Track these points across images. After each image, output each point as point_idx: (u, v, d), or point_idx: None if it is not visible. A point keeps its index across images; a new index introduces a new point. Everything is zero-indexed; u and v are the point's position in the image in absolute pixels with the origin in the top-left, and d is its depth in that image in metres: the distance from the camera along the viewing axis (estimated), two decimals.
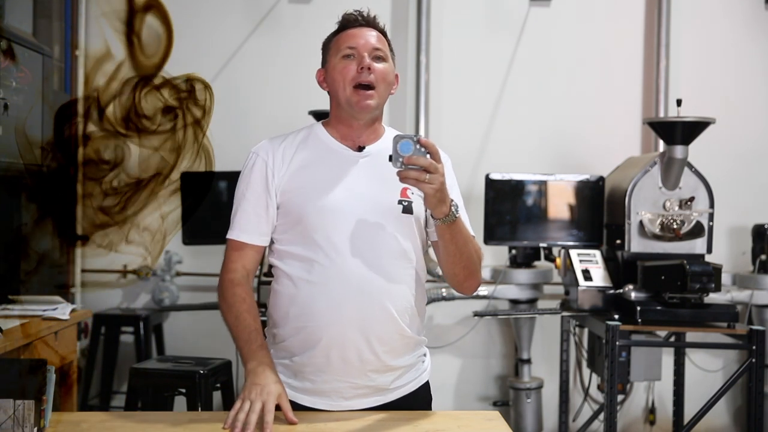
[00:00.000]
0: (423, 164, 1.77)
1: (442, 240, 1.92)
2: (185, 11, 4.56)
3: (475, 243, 2.00)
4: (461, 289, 2.04)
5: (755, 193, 4.58)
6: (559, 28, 4.60)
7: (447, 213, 1.85)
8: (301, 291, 1.96)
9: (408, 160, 1.77)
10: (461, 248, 1.93)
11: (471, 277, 2.00)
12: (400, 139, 1.79)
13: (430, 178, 1.77)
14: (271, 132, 2.23)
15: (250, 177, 2.02)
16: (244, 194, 2.02)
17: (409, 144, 1.78)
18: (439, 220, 1.86)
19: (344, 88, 1.99)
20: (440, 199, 1.82)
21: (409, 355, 2.04)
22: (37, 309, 3.36)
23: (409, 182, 1.78)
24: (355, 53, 2.00)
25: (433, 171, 1.77)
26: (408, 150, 1.78)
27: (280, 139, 2.07)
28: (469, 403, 4.55)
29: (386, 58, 2.03)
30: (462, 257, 1.95)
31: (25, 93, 3.73)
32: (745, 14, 4.62)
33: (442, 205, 1.83)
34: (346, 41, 2.02)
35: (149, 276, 4.49)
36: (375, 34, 2.04)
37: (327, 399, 1.99)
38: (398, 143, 1.78)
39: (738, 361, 4.48)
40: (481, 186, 4.11)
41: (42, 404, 1.74)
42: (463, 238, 1.93)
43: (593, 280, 3.73)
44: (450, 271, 1.99)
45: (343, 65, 2.00)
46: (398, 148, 1.78)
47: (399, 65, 4.51)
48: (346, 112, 2.03)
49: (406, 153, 1.78)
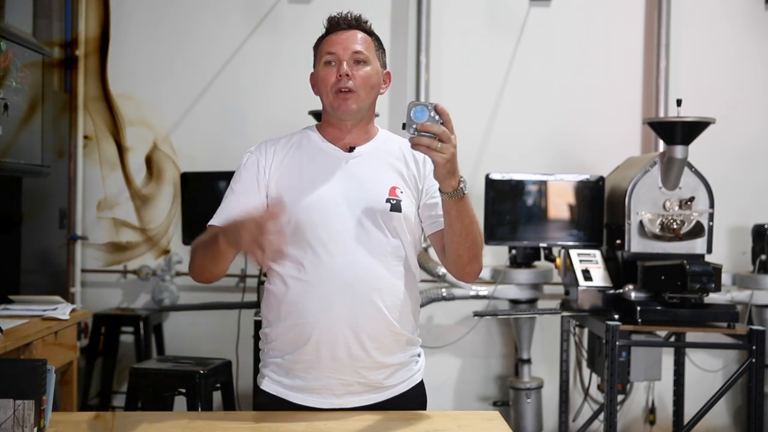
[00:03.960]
0: (436, 132, 1.75)
1: (449, 216, 1.90)
2: (185, 11, 4.57)
3: (479, 226, 1.98)
4: (463, 275, 2.01)
5: (755, 193, 4.58)
6: (559, 28, 4.60)
7: (456, 187, 1.83)
8: (291, 289, 1.98)
9: (422, 127, 1.74)
10: (467, 227, 1.91)
11: (474, 260, 1.97)
12: (414, 105, 1.75)
13: (442, 146, 1.76)
14: (271, 132, 2.24)
15: (241, 172, 2.06)
16: (232, 188, 2.06)
17: (423, 111, 1.75)
18: (447, 195, 1.84)
19: (327, 94, 2.02)
20: (450, 170, 1.80)
21: (401, 352, 2.04)
22: (37, 309, 3.36)
23: (421, 149, 1.76)
24: (334, 59, 2.01)
25: (446, 140, 1.76)
26: (422, 116, 1.75)
27: (274, 141, 2.09)
28: (469, 403, 4.55)
29: (368, 61, 2.03)
30: (468, 237, 1.92)
31: (25, 93, 3.73)
32: (745, 14, 4.61)
33: (451, 178, 1.82)
34: (327, 47, 2.03)
35: (149, 276, 4.49)
36: (358, 37, 2.03)
37: (318, 396, 2.00)
38: (413, 109, 1.75)
39: (738, 361, 4.48)
40: (481, 186, 4.11)
41: (42, 404, 1.74)
42: (470, 218, 1.90)
43: (593, 280, 3.73)
44: (455, 252, 1.95)
45: (325, 72, 2.02)
46: (412, 115, 1.74)
47: (399, 65, 4.55)
48: (332, 116, 2.05)
49: (420, 119, 1.74)
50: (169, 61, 4.55)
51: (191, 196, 4.23)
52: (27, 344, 2.97)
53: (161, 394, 3.45)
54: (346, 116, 2.02)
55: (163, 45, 4.54)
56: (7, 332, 2.90)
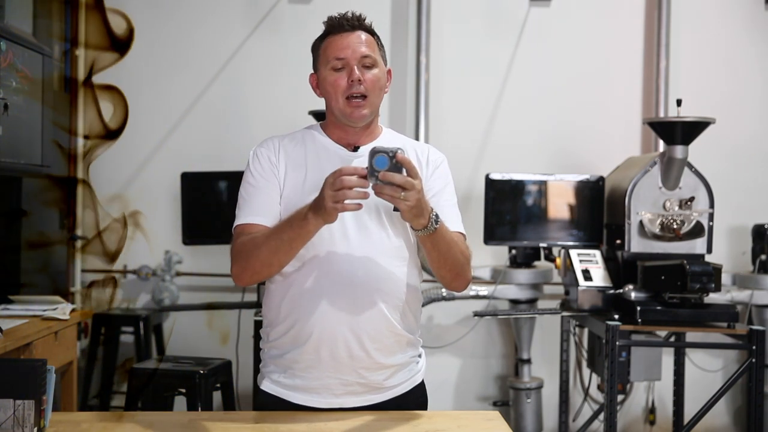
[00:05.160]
0: (397, 181, 1.72)
1: (424, 247, 1.92)
2: (185, 11, 4.57)
3: (461, 243, 1.98)
4: (451, 288, 2.05)
5: (755, 193, 4.58)
6: (559, 28, 4.60)
7: (425, 225, 1.82)
8: (292, 288, 1.97)
9: (383, 176, 1.72)
10: (444, 254, 1.91)
11: (458, 277, 1.99)
12: (375, 153, 1.73)
13: (405, 195, 1.73)
14: (271, 132, 2.23)
15: (254, 166, 2.02)
16: (250, 182, 2.01)
17: (384, 159, 1.72)
18: (419, 231, 1.84)
19: (337, 100, 1.99)
20: (417, 214, 1.79)
21: (401, 353, 2.04)
22: (37, 309, 3.36)
23: (384, 197, 1.75)
24: (344, 64, 1.99)
25: (409, 188, 1.73)
26: (383, 165, 1.72)
27: (279, 137, 2.08)
28: (469, 403, 4.55)
29: (376, 63, 2.01)
30: (446, 262, 1.93)
31: (25, 93, 3.73)
32: (745, 15, 4.61)
33: (420, 218, 1.80)
34: (334, 52, 1.99)
35: (149, 276, 4.49)
36: (363, 39, 2.01)
37: (317, 396, 2.00)
38: (374, 158, 1.72)
39: (738, 361, 4.48)
40: (481, 186, 4.11)
41: (42, 404, 1.74)
42: (446, 244, 1.90)
43: (593, 280, 3.73)
44: (437, 273, 1.99)
45: (334, 78, 1.99)
46: (373, 163, 1.72)
47: (399, 65, 4.55)
48: (340, 120, 2.04)
49: (381, 168, 1.72)
50: (169, 60, 4.55)
51: (191, 196, 4.23)
52: (27, 344, 2.97)
53: (161, 394, 3.45)
54: (358, 122, 2.01)
55: (164, 45, 4.54)
56: (7, 332, 2.90)
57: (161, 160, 4.56)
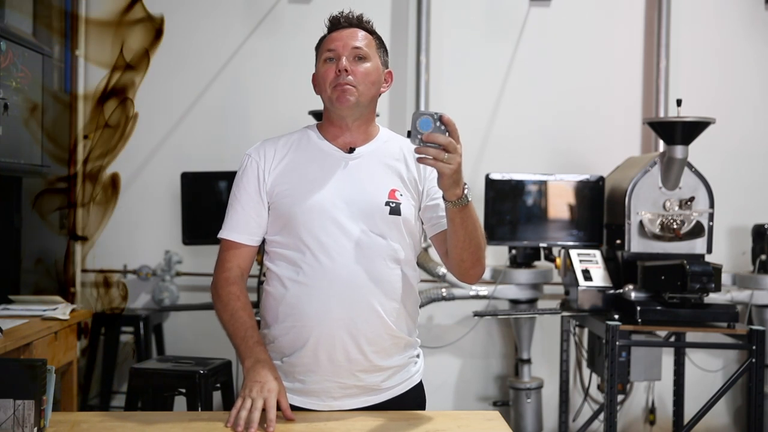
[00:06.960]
0: (442, 142, 1.72)
1: (452, 224, 1.88)
2: (185, 11, 4.57)
3: (482, 230, 1.97)
4: (466, 277, 2.00)
5: (755, 193, 4.58)
6: (559, 28, 4.60)
7: (460, 196, 1.81)
8: (289, 291, 1.97)
9: (427, 137, 1.71)
10: (471, 233, 1.89)
11: (477, 263, 1.96)
12: (420, 115, 1.72)
13: (449, 157, 1.73)
14: (271, 132, 2.24)
15: (243, 179, 2.05)
16: (236, 195, 2.05)
17: (428, 121, 1.72)
18: (451, 203, 1.82)
19: (326, 90, 2.01)
20: (455, 180, 1.78)
21: (399, 355, 2.03)
22: (37, 309, 3.36)
23: (427, 161, 1.74)
24: (334, 56, 2.00)
25: (452, 150, 1.74)
26: (427, 127, 1.71)
27: (274, 140, 2.08)
28: (469, 403, 4.55)
29: (369, 58, 2.02)
30: (471, 243, 1.91)
31: (25, 93, 3.73)
32: (745, 15, 4.61)
33: (455, 187, 1.80)
34: (327, 44, 2.03)
35: (149, 276, 4.49)
36: (358, 35, 2.03)
37: (316, 399, 2.00)
38: (418, 120, 1.71)
39: (738, 361, 4.48)
40: (481, 186, 4.11)
41: (42, 404, 1.74)
42: (473, 223, 1.89)
43: (593, 280, 3.73)
44: (458, 257, 1.94)
45: (325, 69, 2.01)
46: (417, 125, 1.71)
47: (399, 65, 4.55)
48: (333, 113, 2.04)
49: (425, 130, 1.71)
50: (169, 60, 4.54)
51: (191, 196, 4.23)
52: (27, 344, 2.97)
53: (161, 394, 3.44)
54: (345, 110, 2.00)
55: (163, 45, 4.53)
56: (7, 332, 2.90)
57: (161, 160, 4.56)
